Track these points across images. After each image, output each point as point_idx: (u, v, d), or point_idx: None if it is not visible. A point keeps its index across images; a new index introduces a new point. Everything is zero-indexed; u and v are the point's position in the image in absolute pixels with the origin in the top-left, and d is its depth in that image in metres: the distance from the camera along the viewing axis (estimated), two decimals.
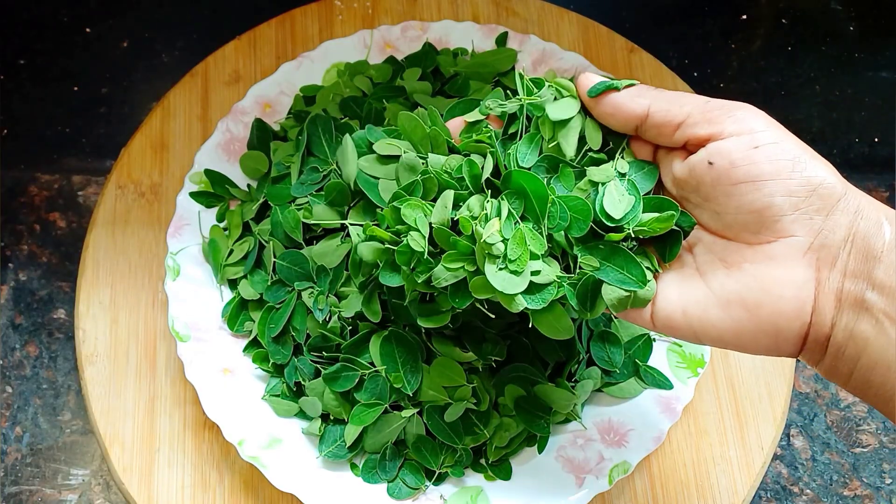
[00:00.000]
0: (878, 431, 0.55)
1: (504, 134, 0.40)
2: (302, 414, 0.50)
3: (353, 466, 0.49)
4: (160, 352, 0.54)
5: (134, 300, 0.56)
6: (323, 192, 0.49)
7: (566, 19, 0.64)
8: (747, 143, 0.33)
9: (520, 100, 0.40)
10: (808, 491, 0.54)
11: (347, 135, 0.48)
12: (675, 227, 0.36)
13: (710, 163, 0.33)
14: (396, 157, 0.46)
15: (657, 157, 0.38)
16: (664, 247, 0.37)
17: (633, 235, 0.36)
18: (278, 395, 0.50)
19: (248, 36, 0.62)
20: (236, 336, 0.52)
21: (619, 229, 0.36)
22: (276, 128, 0.56)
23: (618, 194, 0.37)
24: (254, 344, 0.51)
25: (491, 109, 0.41)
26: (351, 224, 0.47)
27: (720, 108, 0.34)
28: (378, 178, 0.46)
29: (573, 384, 0.49)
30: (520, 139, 0.39)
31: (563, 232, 0.37)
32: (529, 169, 0.38)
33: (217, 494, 0.51)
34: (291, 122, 0.56)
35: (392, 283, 0.40)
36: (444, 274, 0.37)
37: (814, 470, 0.55)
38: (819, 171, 0.32)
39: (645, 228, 0.36)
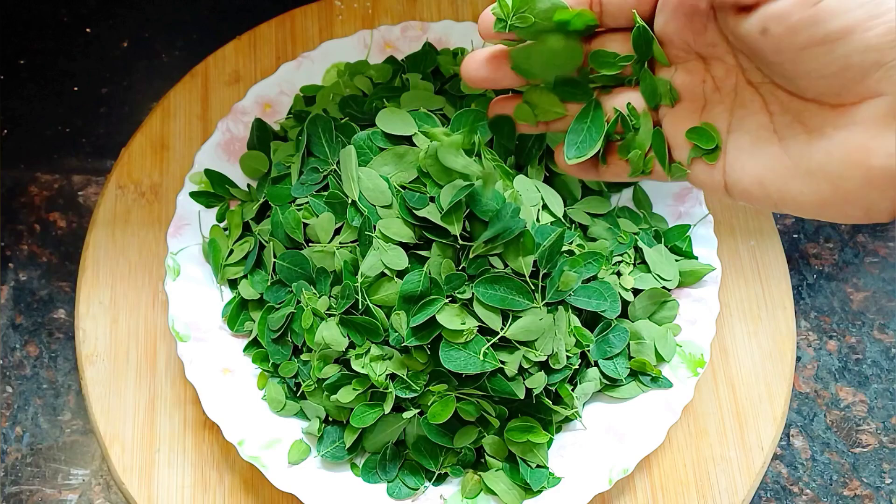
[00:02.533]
0: (878, 431, 0.55)
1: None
2: (302, 414, 0.50)
3: (353, 466, 0.49)
4: (160, 352, 0.55)
5: (134, 300, 0.56)
6: (324, 195, 0.49)
7: None
8: None
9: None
10: (807, 491, 0.54)
11: (351, 145, 0.48)
12: None
13: (765, 30, 0.28)
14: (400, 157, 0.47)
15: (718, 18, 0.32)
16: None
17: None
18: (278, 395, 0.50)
19: (248, 36, 0.62)
20: (236, 336, 0.52)
21: None
22: (276, 128, 0.56)
23: None
24: (254, 344, 0.51)
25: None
26: (339, 245, 0.48)
27: None
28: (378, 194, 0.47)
29: (573, 386, 0.49)
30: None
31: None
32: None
33: (217, 494, 0.51)
34: (291, 122, 0.56)
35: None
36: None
37: (814, 470, 0.55)
38: None
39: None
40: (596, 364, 0.50)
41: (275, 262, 0.50)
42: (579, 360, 0.49)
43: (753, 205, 0.32)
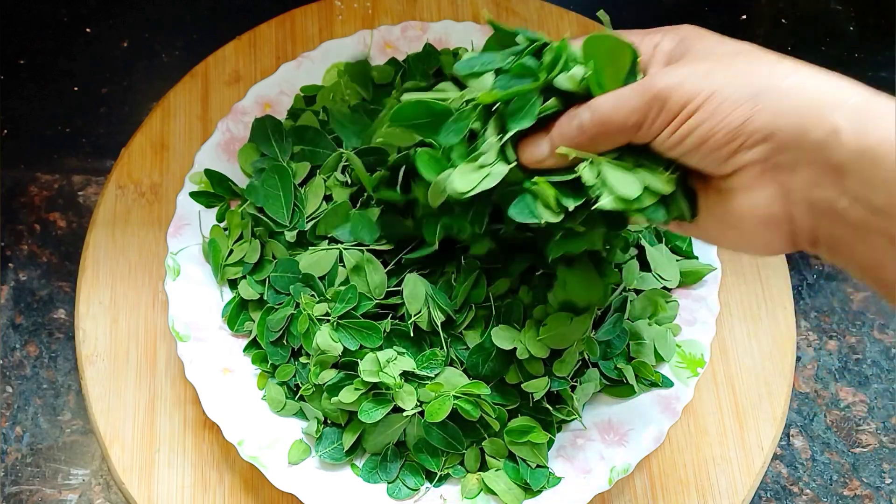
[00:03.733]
0: (878, 431, 0.55)
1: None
2: (301, 414, 0.50)
3: (354, 466, 0.49)
4: (160, 352, 0.54)
5: (134, 300, 0.56)
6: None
7: (566, 19, 0.64)
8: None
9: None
10: (808, 491, 0.54)
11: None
12: None
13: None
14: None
15: None
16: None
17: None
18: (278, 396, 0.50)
19: (248, 36, 0.62)
20: (236, 336, 0.52)
21: None
22: None
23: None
24: (254, 344, 0.51)
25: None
26: (346, 247, 0.48)
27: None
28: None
29: (573, 386, 0.49)
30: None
31: None
32: None
33: (217, 494, 0.51)
34: (291, 122, 0.56)
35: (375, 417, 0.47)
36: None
37: (814, 470, 0.55)
38: (728, 101, 0.32)
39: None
40: (596, 365, 0.50)
41: (269, 277, 0.51)
42: (580, 362, 0.49)
43: (698, 239, 0.39)
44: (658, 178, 0.35)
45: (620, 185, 0.35)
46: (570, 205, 0.36)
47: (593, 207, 0.35)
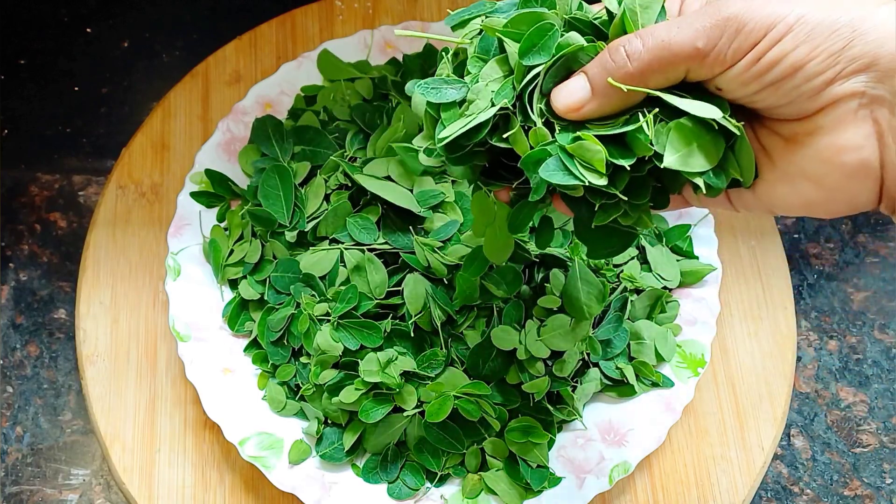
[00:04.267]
0: (879, 431, 0.55)
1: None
2: (302, 414, 0.50)
3: (354, 466, 0.49)
4: (161, 352, 0.54)
5: (135, 300, 0.56)
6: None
7: None
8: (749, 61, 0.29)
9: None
10: (808, 491, 0.54)
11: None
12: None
13: (719, 90, 0.31)
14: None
15: None
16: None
17: None
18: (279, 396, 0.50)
19: (248, 36, 0.62)
20: (237, 336, 0.52)
21: None
22: None
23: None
24: (254, 344, 0.51)
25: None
26: (347, 247, 0.48)
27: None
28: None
29: (573, 386, 0.49)
30: None
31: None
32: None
33: (217, 494, 0.51)
34: (291, 122, 0.56)
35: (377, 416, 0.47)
36: None
37: (814, 470, 0.55)
38: (834, 25, 0.27)
39: None
40: (596, 365, 0.50)
41: (269, 277, 0.51)
42: (580, 362, 0.49)
43: (752, 211, 0.34)
44: (723, 120, 0.30)
45: (697, 109, 0.29)
46: (626, 163, 0.30)
47: (663, 165, 0.30)
